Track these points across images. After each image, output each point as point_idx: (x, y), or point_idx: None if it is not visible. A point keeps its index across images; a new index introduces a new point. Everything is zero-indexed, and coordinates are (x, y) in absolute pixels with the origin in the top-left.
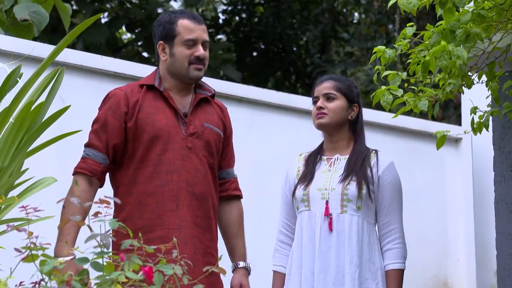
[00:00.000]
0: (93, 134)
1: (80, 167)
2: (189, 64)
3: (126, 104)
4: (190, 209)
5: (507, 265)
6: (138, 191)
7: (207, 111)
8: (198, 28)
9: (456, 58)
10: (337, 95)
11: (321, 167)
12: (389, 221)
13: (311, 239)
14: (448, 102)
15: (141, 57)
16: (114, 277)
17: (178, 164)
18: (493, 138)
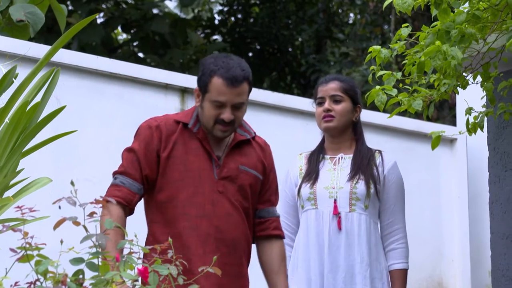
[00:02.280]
0: (128, 163)
1: (114, 195)
2: (214, 123)
3: (159, 137)
4: (218, 256)
5: (502, 265)
6: (166, 232)
7: (245, 153)
8: (230, 91)
9: (451, 59)
10: (343, 97)
11: (325, 166)
12: (393, 221)
13: (319, 238)
14: (443, 103)
15: (137, 57)
16: (109, 277)
17: (209, 208)
18: (488, 138)
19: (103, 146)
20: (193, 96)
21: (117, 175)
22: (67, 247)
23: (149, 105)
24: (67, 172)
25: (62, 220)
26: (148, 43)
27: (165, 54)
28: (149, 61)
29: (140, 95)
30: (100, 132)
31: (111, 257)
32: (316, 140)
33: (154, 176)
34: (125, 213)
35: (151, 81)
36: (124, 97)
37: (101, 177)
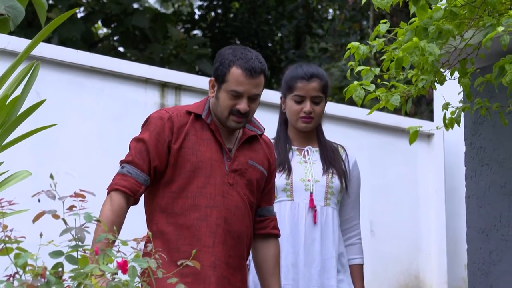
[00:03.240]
0: (136, 152)
1: (121, 184)
2: (229, 114)
3: (171, 127)
4: (225, 248)
5: (477, 259)
6: (176, 222)
7: (254, 148)
8: (249, 82)
9: (428, 55)
10: (322, 97)
11: (294, 157)
12: (352, 216)
13: (294, 231)
14: (421, 98)
15: (117, 52)
16: (89, 270)
17: (219, 200)
18: (465, 133)
19: (83, 140)
20: (173, 91)
21: (124, 164)
22: (47, 240)
23: (129, 99)
24: (47, 165)
25: (41, 213)
26: (128, 38)
27: (145, 48)
28: (129, 55)
29: (120, 90)
30: (80, 126)
31: (91, 250)
32: None
33: (163, 167)
34: (128, 203)
35: (131, 76)
36: (104, 91)
37: (81, 171)
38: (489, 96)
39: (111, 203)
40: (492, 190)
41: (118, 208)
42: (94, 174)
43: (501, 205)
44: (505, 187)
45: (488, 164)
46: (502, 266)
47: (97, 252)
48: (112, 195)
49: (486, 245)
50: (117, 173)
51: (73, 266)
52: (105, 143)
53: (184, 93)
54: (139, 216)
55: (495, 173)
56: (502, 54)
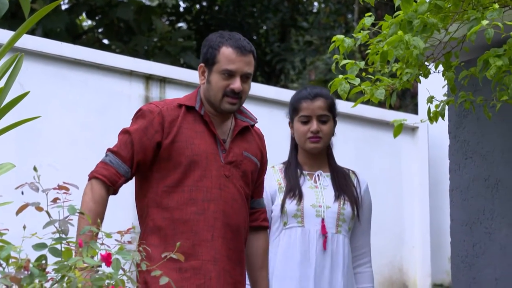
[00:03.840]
0: (121, 143)
1: (101, 173)
2: (223, 96)
3: (161, 122)
4: (225, 241)
5: (461, 252)
6: (172, 217)
7: (247, 139)
8: (240, 59)
9: (413, 48)
10: (329, 116)
11: (305, 182)
12: (362, 244)
13: (305, 258)
14: (405, 92)
15: (102, 44)
16: (72, 263)
17: (216, 193)
18: (449, 127)
19: (67, 132)
20: (157, 83)
21: (108, 152)
22: (30, 233)
23: (114, 91)
24: (31, 157)
25: (24, 205)
26: (113, 30)
27: (129, 41)
28: (114, 47)
29: (105, 82)
30: (64, 118)
31: (75, 242)
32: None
33: (147, 162)
34: (108, 193)
35: (116, 68)
36: (89, 83)
37: (65, 163)
38: (473, 89)
39: (92, 192)
40: (475, 183)
41: (99, 197)
42: (78, 167)
43: (484, 198)
44: (489, 180)
45: (472, 157)
46: (485, 259)
47: (81, 244)
48: (93, 183)
49: (469, 238)
50: (101, 160)
51: (57, 258)
52: (89, 135)
53: (169, 85)
54: (122, 209)
55: (479, 166)
56: (486, 47)
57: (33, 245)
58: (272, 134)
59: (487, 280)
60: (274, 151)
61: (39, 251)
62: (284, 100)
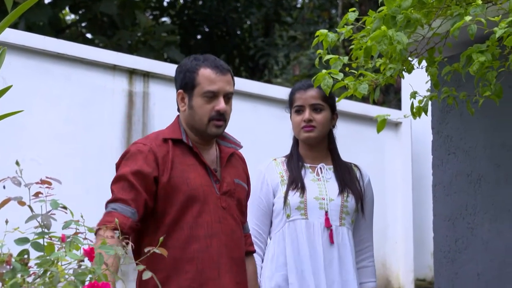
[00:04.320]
0: (118, 191)
1: (106, 221)
2: (209, 120)
3: (154, 160)
4: (232, 276)
5: (443, 247)
6: (173, 257)
7: (234, 165)
8: (220, 79)
9: (396, 43)
10: (324, 106)
11: (307, 175)
12: (366, 238)
13: (312, 251)
14: (389, 87)
15: (85, 38)
16: (55, 257)
17: (217, 227)
18: (432, 122)
19: (50, 126)
20: (141, 78)
21: (108, 204)
22: (12, 227)
23: (97, 86)
24: (13, 152)
25: (7, 200)
26: (96, 24)
27: (113, 35)
28: (97, 42)
29: (88, 76)
30: (47, 112)
31: (57, 237)
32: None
33: (152, 203)
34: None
35: (99, 62)
36: (72, 77)
37: (48, 157)
38: (456, 85)
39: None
40: (458, 178)
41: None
42: (61, 161)
43: (467, 193)
44: (471, 175)
45: (455, 152)
46: (468, 254)
47: (63, 239)
48: (99, 232)
49: (452, 233)
50: (103, 214)
51: (39, 253)
52: (72, 129)
53: (152, 80)
54: None
55: (462, 162)
56: (470, 43)
57: (15, 240)
58: (256, 129)
59: (469, 275)
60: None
61: (21, 246)
62: (267, 95)
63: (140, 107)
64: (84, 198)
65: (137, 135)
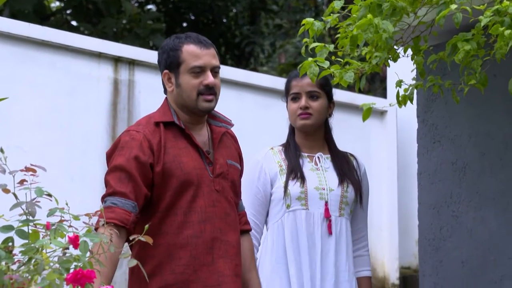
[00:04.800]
0: (116, 182)
1: (108, 217)
2: (198, 94)
3: (149, 147)
4: (227, 260)
5: (428, 235)
6: (166, 243)
7: (227, 145)
8: (205, 53)
9: (382, 32)
10: (320, 93)
11: (305, 164)
12: (361, 227)
13: (311, 242)
14: (374, 76)
15: (70, 25)
16: (39, 245)
17: (210, 211)
18: (417, 110)
19: (35, 114)
20: (126, 66)
21: (107, 197)
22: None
23: (82, 73)
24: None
25: None
26: (82, 12)
27: (98, 23)
28: (82, 29)
29: (73, 64)
30: (31, 100)
31: (42, 224)
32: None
33: (150, 188)
34: (119, 235)
35: (84, 50)
36: (57, 65)
37: (33, 145)
38: (441, 73)
39: None
40: (443, 167)
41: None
42: (46, 149)
43: (452, 181)
44: (456, 164)
45: (440, 141)
46: (452, 242)
47: (48, 226)
48: (100, 230)
49: (437, 221)
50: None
51: (24, 240)
52: (57, 117)
53: (138, 67)
54: (91, 192)
55: (447, 150)
56: (455, 31)
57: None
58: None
59: (454, 263)
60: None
61: (6, 233)
62: (253, 83)
63: (125, 95)
64: (69, 186)
65: (122, 123)
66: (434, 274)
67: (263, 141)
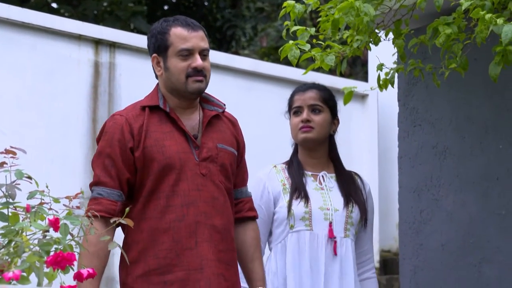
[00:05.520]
0: (100, 170)
1: (95, 209)
2: (186, 77)
3: (130, 131)
4: (212, 244)
5: (408, 218)
6: (150, 227)
7: (219, 129)
8: (193, 35)
9: (363, 15)
10: (323, 107)
11: (309, 183)
12: (368, 249)
13: (314, 264)
14: (356, 59)
15: (50, 7)
16: (19, 228)
17: (194, 195)
18: (398, 94)
19: (15, 96)
20: (107, 48)
21: (92, 187)
22: None
23: (62, 55)
24: None
25: None
26: None
27: (78, 5)
28: (63, 11)
29: (53, 46)
30: (11, 82)
31: (22, 207)
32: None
33: (134, 177)
34: (108, 225)
35: (65, 32)
36: (37, 47)
37: (12, 128)
38: (422, 57)
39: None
40: (424, 150)
41: (95, 236)
42: (26, 131)
43: (432, 165)
44: (437, 147)
45: (421, 124)
46: (432, 225)
47: (28, 209)
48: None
49: (417, 205)
50: (89, 198)
51: (4, 223)
52: (37, 100)
53: (119, 50)
54: (71, 174)
55: (427, 134)
56: (436, 15)
57: None
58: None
59: (434, 246)
60: None
61: None
62: (235, 67)
63: (106, 77)
64: (49, 168)
65: (103, 106)
66: (414, 257)
67: (244, 124)
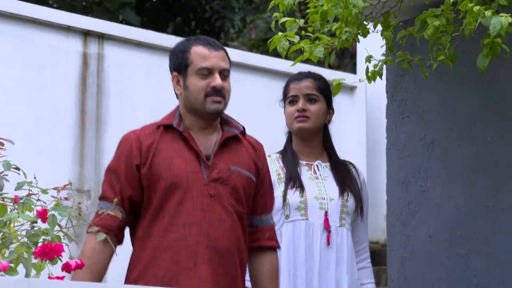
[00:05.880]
0: (107, 185)
1: (96, 223)
2: (205, 96)
3: (139, 148)
4: (210, 267)
5: (396, 210)
6: (152, 246)
7: (236, 152)
8: (214, 55)
9: (352, 7)
10: (319, 97)
11: (304, 173)
12: (363, 238)
13: (309, 253)
14: (344, 51)
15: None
16: (7, 219)
17: (198, 215)
18: (387, 86)
19: (3, 87)
20: (96, 39)
21: (99, 201)
22: None
23: (51, 46)
24: None
25: None
26: None
27: None
28: (51, 2)
29: (42, 37)
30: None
31: (10, 198)
32: None
33: (138, 191)
34: (106, 241)
35: (53, 23)
36: (25, 38)
37: (1, 119)
38: (411, 49)
39: (85, 246)
40: (412, 142)
41: (90, 249)
42: (14, 123)
43: (420, 157)
44: (425, 139)
45: (409, 116)
46: (420, 217)
47: (16, 200)
48: (88, 237)
49: (405, 196)
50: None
51: None
52: (25, 91)
53: (107, 42)
54: (59, 165)
55: (415, 126)
56: (424, 7)
57: None
58: None
59: (421, 237)
60: None
61: None
62: None
63: (94, 68)
64: (37, 160)
65: (91, 97)
66: (402, 249)
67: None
